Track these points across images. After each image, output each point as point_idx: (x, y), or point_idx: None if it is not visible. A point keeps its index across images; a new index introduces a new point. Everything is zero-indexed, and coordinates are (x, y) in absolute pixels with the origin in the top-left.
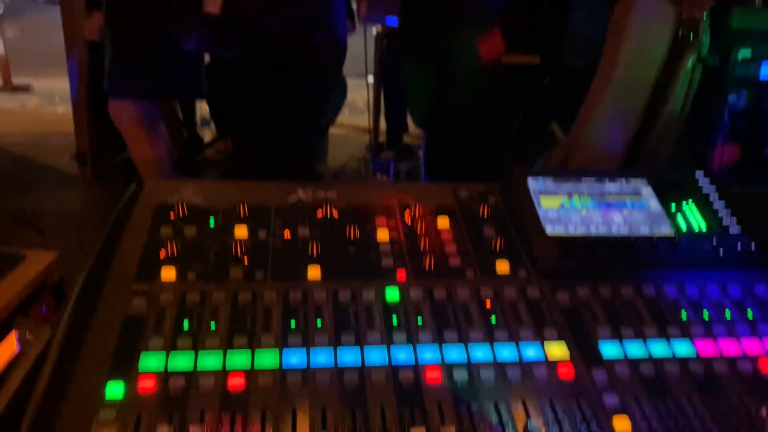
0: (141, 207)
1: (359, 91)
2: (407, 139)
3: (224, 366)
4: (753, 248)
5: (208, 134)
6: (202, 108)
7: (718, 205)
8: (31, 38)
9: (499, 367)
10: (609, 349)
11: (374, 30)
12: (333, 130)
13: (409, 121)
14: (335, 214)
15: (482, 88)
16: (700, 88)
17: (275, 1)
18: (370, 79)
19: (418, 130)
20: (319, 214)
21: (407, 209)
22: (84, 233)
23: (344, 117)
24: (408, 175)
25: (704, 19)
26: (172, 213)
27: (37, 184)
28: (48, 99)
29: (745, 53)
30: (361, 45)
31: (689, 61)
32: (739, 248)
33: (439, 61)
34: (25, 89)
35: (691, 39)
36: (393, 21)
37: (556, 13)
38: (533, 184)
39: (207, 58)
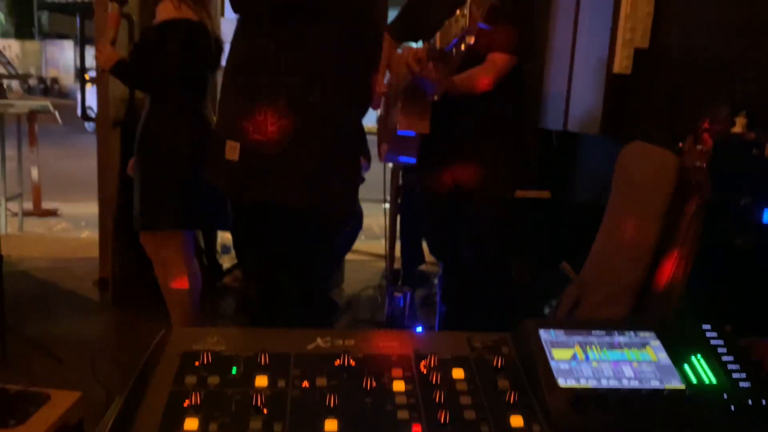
0: (168, 354)
1: (375, 217)
2: (423, 266)
3: None
4: (764, 403)
5: (226, 261)
6: (224, 236)
7: (727, 358)
8: (65, 163)
9: None
10: None
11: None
12: (349, 256)
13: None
14: (352, 362)
15: (495, 221)
16: (705, 230)
17: (293, 150)
18: (387, 205)
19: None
20: (337, 362)
21: (422, 360)
22: (100, 363)
23: (360, 243)
24: (423, 302)
25: (705, 166)
26: (197, 361)
27: (57, 309)
28: (74, 224)
29: (746, 198)
30: (378, 172)
31: (694, 205)
32: (750, 403)
33: (453, 194)
34: (53, 213)
35: (694, 184)
36: (409, 160)
37: (564, 150)
38: (545, 335)
39: None
